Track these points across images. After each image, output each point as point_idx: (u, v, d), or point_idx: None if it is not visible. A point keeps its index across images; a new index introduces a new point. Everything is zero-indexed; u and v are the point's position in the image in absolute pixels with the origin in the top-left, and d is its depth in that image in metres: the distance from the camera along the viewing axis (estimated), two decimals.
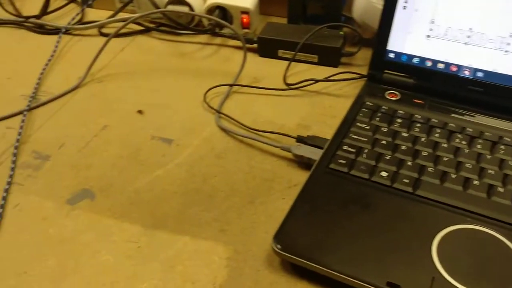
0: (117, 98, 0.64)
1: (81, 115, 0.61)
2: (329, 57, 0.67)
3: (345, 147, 0.50)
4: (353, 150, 0.50)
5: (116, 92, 0.65)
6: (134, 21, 0.72)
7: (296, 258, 0.41)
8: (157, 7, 0.73)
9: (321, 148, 0.51)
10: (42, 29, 0.80)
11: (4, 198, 0.50)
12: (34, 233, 0.47)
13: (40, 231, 0.47)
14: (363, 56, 0.69)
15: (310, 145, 0.52)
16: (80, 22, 0.81)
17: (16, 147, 0.56)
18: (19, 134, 0.58)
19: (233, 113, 0.60)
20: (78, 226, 0.47)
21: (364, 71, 0.65)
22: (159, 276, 0.42)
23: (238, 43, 0.74)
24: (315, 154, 0.51)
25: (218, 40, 0.76)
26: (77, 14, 0.81)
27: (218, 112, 0.60)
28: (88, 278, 0.43)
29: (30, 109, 0.62)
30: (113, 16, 0.80)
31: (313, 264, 0.40)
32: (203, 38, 0.76)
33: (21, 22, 0.81)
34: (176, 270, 0.43)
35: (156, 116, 0.61)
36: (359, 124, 0.53)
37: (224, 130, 0.58)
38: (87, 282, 0.42)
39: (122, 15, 0.79)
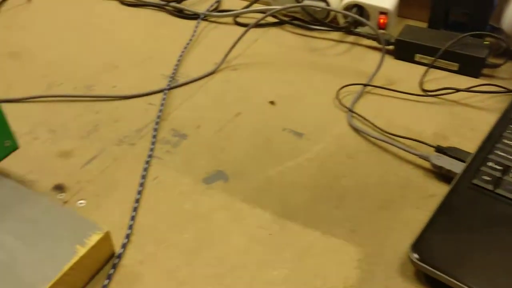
0: (250, 87, 0.66)
1: (216, 100, 0.64)
2: (471, 66, 0.64)
3: (490, 164, 0.47)
4: (500, 168, 0.47)
5: (249, 81, 0.67)
6: (271, 14, 0.73)
7: (434, 270, 0.39)
8: (297, 1, 0.73)
9: (462, 161, 0.49)
10: (181, 14, 0.83)
11: (145, 170, 0.53)
12: (171, 206, 0.49)
13: (177, 204, 0.49)
14: (508, 69, 0.65)
15: (451, 156, 0.50)
16: (217, 9, 0.84)
17: (157, 123, 0.59)
18: (160, 111, 0.61)
19: (365, 114, 0.59)
20: (212, 205, 0.49)
21: (509, 85, 0.61)
22: (290, 266, 0.43)
23: (371, 42, 0.72)
24: (456, 166, 0.49)
25: (351, 38, 0.75)
26: (216, 2, 0.84)
27: (351, 111, 0.59)
28: (221, 257, 0.44)
29: (170, 88, 0.66)
30: (248, 6, 0.82)
31: (451, 280, 0.39)
32: (335, 35, 0.76)
33: (162, 6, 0.85)
34: (307, 263, 0.43)
35: (287, 109, 0.61)
36: (506, 141, 0.50)
37: (356, 130, 0.57)
38: (220, 262, 0.44)
39: (256, 6, 0.81)
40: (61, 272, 0.40)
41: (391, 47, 0.69)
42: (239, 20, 0.81)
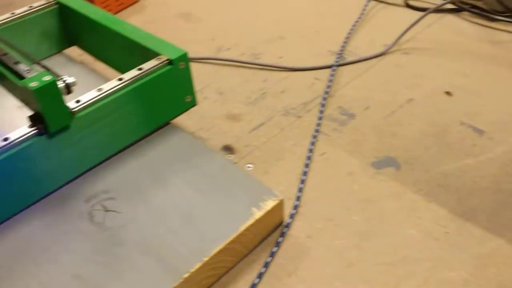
0: (422, 74, 0.62)
1: (386, 83, 0.61)
2: None
3: None
4: None
5: (421, 67, 0.63)
6: (451, 0, 0.68)
7: None
8: None
9: None
10: None
11: (313, 144, 0.52)
12: (339, 185, 0.48)
13: (345, 184, 0.48)
14: None
15: None
16: None
17: (324, 99, 0.58)
18: (328, 87, 0.60)
19: None
20: (382, 191, 0.47)
21: None
22: (469, 271, 0.40)
23: None
24: None
25: None
26: None
27: None
28: (392, 246, 0.42)
29: (339, 65, 0.64)
30: None
31: None
32: None
33: None
34: (490, 270, 0.40)
35: (466, 102, 0.57)
36: None
37: None
38: (391, 250, 0.42)
39: None
40: (237, 232, 0.40)
41: None
42: (411, 2, 0.76)
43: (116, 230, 0.41)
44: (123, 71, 0.56)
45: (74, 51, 0.64)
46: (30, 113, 0.42)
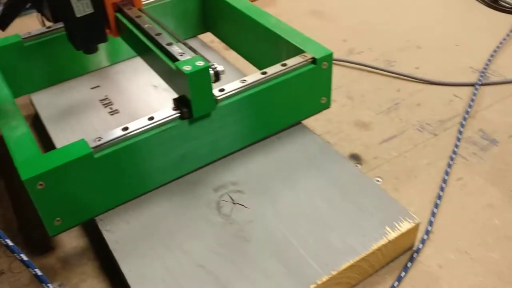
0: None
1: None
2: None
3: None
4: None
5: None
6: None
7: None
8: None
9: None
10: (497, 5, 0.75)
11: (450, 166, 0.49)
12: (477, 216, 0.44)
13: (484, 217, 0.44)
14: None
15: None
16: None
17: (464, 119, 0.54)
18: (470, 107, 0.55)
19: None
20: None
21: None
22: None
23: None
24: None
25: None
26: None
27: None
28: None
29: (482, 84, 0.59)
30: None
31: None
32: None
33: None
34: None
35: None
36: None
37: None
38: None
39: None
40: (369, 250, 0.38)
41: None
42: None
43: (242, 225, 0.40)
44: (259, 63, 0.55)
45: (205, 37, 0.64)
46: (171, 95, 0.42)
